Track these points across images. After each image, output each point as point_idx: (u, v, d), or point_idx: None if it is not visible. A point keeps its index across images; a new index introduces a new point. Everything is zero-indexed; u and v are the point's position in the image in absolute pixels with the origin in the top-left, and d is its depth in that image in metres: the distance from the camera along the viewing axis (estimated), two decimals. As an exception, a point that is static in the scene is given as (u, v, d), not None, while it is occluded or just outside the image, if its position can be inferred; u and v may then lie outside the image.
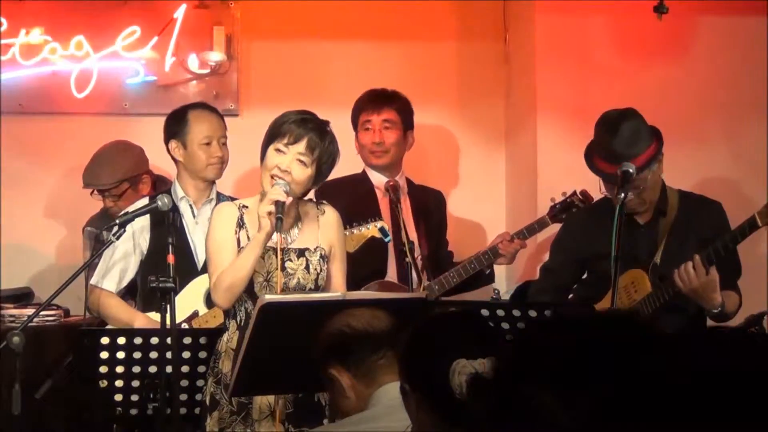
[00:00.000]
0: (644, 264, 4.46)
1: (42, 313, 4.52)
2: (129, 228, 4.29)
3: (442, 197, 5.35)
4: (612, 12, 5.59)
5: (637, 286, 4.44)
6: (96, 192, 5.24)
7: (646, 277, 4.43)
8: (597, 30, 5.63)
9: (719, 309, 4.32)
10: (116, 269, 4.56)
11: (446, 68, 6.08)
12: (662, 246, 4.47)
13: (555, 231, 4.93)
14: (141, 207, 4.26)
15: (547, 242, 5.08)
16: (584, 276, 4.69)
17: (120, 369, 3.95)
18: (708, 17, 5.65)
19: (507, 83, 6.06)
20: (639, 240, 4.48)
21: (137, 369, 3.96)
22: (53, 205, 5.88)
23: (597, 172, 4.44)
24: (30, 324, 3.97)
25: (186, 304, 4.44)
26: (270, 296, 3.58)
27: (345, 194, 4.76)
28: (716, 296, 4.30)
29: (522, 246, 5.03)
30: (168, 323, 3.66)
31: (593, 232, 4.51)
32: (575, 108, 5.47)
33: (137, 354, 3.95)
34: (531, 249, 5.46)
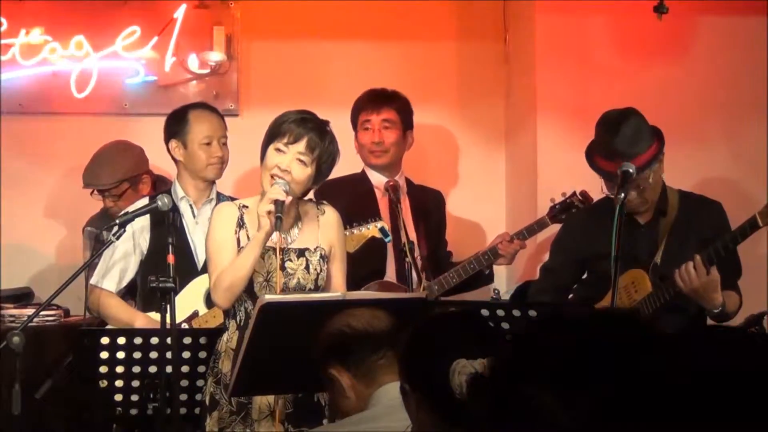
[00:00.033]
0: (644, 264, 4.45)
1: (42, 313, 4.52)
2: (129, 228, 4.29)
3: (442, 197, 5.35)
4: (612, 12, 5.59)
5: (638, 286, 4.43)
6: (96, 192, 5.24)
7: (647, 277, 4.43)
8: (597, 30, 5.63)
9: (720, 309, 4.32)
10: (116, 269, 4.56)
11: (446, 68, 6.07)
12: (662, 246, 4.47)
13: (555, 231, 4.92)
14: (141, 207, 4.26)
15: (547, 242, 5.08)
16: (584, 276, 4.68)
17: (120, 369, 3.95)
18: (708, 17, 5.65)
19: (507, 83, 6.05)
20: (639, 240, 4.48)
21: (137, 369, 3.96)
22: (53, 205, 5.87)
23: (598, 171, 4.43)
24: (30, 324, 3.97)
25: (186, 304, 4.44)
26: (270, 296, 3.58)
27: (344, 194, 4.75)
28: (717, 296, 4.30)
29: (522, 246, 5.03)
30: (168, 323, 3.66)
31: (593, 232, 4.51)
32: (575, 108, 5.47)
33: (137, 354, 3.95)
34: (531, 249, 5.46)
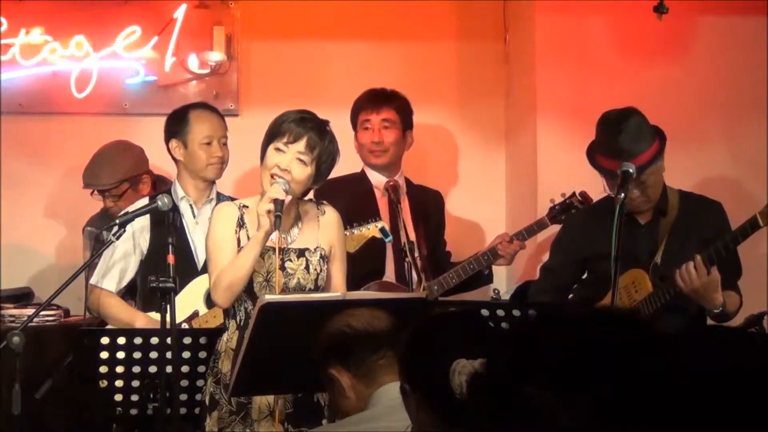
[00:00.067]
0: (645, 264, 4.45)
1: (42, 313, 4.52)
2: (129, 228, 4.29)
3: (441, 197, 5.35)
4: (612, 12, 5.59)
5: (638, 286, 4.43)
6: (96, 192, 5.24)
7: (647, 277, 4.43)
8: (597, 30, 5.63)
9: (720, 309, 4.32)
10: (116, 269, 4.56)
11: (446, 68, 6.07)
12: (663, 246, 4.47)
13: (555, 231, 4.92)
14: (141, 207, 4.26)
15: (547, 242, 5.08)
16: (584, 276, 4.68)
17: (120, 369, 3.95)
18: (708, 17, 5.65)
19: (507, 83, 6.05)
20: (639, 240, 4.47)
21: (137, 369, 3.96)
22: (53, 205, 5.87)
23: (600, 170, 4.42)
24: (30, 324, 3.97)
25: (186, 304, 4.44)
26: (270, 296, 3.58)
27: (344, 193, 4.75)
28: (717, 296, 4.29)
29: (521, 247, 5.03)
30: (168, 323, 3.65)
31: (593, 232, 4.50)
32: (575, 108, 5.46)
33: (137, 354, 3.95)
34: (531, 249, 5.46)
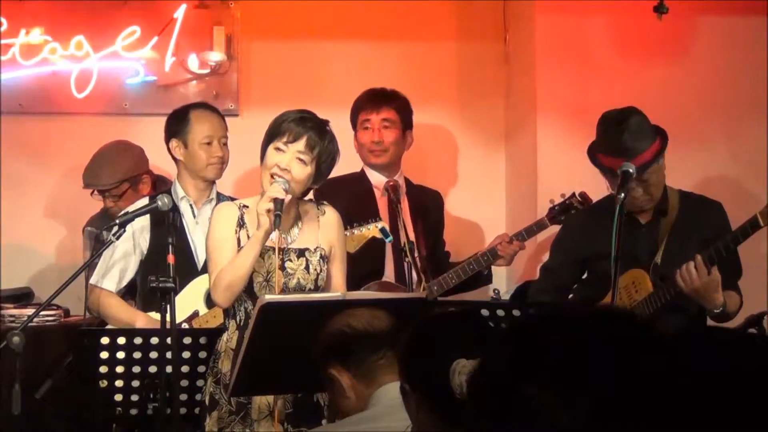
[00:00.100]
0: (645, 264, 4.45)
1: (42, 313, 4.52)
2: (129, 228, 4.28)
3: (440, 197, 5.35)
4: (612, 12, 5.59)
5: (638, 286, 4.43)
6: (96, 192, 5.24)
7: (647, 277, 4.42)
8: (597, 30, 5.63)
9: (721, 309, 4.31)
10: (116, 269, 4.56)
11: (446, 68, 6.07)
12: (663, 246, 4.47)
13: (555, 230, 4.92)
14: (141, 207, 4.26)
15: (547, 242, 5.07)
16: (584, 276, 4.68)
17: (120, 369, 3.95)
18: (708, 17, 5.64)
19: (507, 83, 6.05)
20: (640, 240, 4.47)
21: (137, 369, 3.95)
22: (53, 205, 5.87)
23: (601, 169, 4.41)
24: (30, 324, 3.97)
25: (186, 304, 4.44)
26: (270, 296, 3.58)
27: (343, 193, 4.75)
28: (718, 296, 4.29)
29: (521, 248, 5.03)
30: (168, 323, 3.65)
31: (593, 232, 4.50)
32: (575, 108, 5.46)
33: (137, 354, 3.95)
34: (531, 249, 5.46)
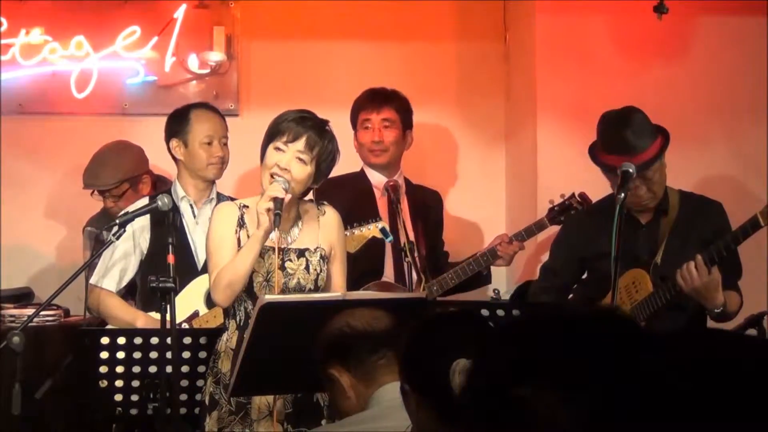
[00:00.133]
0: (645, 264, 4.45)
1: (42, 313, 4.52)
2: (129, 228, 4.28)
3: (440, 197, 5.35)
4: (612, 12, 5.59)
5: (639, 286, 4.43)
6: (96, 192, 5.24)
7: (648, 277, 4.42)
8: (597, 30, 5.63)
9: (721, 309, 4.32)
10: (116, 269, 4.56)
11: (446, 68, 6.07)
12: (663, 246, 4.47)
13: (555, 230, 4.92)
14: (141, 207, 4.25)
15: (547, 242, 5.07)
16: (585, 276, 4.68)
17: (120, 369, 3.95)
18: (708, 17, 5.64)
19: (507, 83, 6.05)
20: (640, 239, 4.47)
21: (137, 369, 3.96)
22: (53, 205, 5.87)
23: (603, 167, 4.41)
24: (30, 324, 3.97)
25: (186, 304, 4.44)
26: (270, 296, 3.58)
27: (343, 193, 4.75)
28: (718, 296, 4.29)
29: (520, 248, 5.03)
30: (168, 323, 3.65)
31: (594, 232, 4.50)
32: (575, 108, 5.46)
33: (137, 354, 3.95)
34: (531, 249, 5.46)
